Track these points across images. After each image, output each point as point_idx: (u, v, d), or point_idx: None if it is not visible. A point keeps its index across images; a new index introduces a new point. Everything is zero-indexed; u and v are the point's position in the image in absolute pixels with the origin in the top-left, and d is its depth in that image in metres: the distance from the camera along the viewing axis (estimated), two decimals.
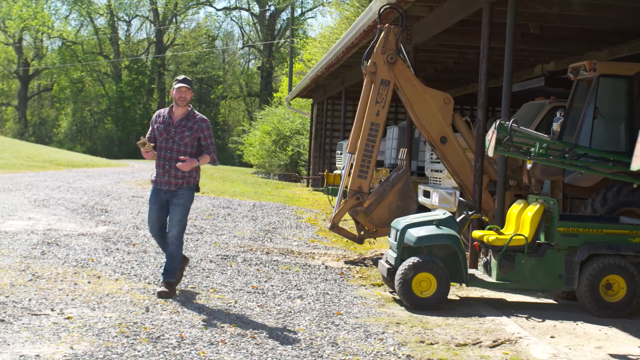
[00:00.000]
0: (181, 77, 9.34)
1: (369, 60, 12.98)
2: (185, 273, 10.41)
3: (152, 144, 9.12)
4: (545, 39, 16.46)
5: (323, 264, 12.22)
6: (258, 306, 8.85)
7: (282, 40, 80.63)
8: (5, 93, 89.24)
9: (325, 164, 33.07)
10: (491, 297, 10.49)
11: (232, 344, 7.16)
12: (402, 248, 9.92)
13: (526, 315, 9.36)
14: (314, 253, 13.21)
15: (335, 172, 25.17)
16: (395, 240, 10.04)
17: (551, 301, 10.48)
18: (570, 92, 13.33)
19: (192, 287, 9.60)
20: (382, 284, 10.88)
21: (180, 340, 7.15)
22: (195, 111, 9.37)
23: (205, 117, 9.39)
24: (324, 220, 18.72)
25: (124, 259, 11.02)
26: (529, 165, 10.26)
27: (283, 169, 42.49)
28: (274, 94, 61.59)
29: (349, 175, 13.12)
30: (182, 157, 9.04)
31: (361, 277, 11.41)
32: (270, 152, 43.24)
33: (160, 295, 8.87)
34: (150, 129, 9.41)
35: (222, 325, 7.83)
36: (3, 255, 10.52)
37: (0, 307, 7.79)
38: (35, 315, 7.60)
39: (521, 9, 13.48)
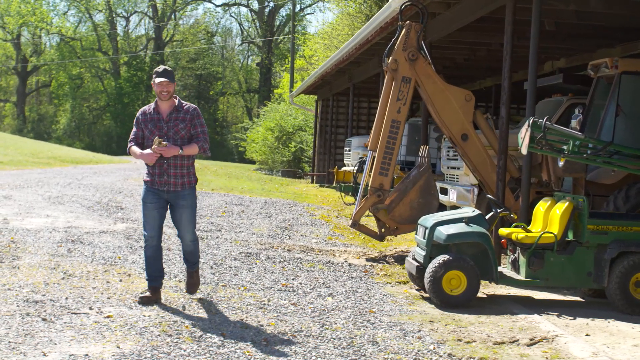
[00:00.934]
0: (160, 68, 8.63)
1: (390, 58, 12.96)
2: (213, 271, 10.42)
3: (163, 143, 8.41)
4: (558, 35, 16.46)
5: (345, 261, 12.21)
6: (291, 304, 8.84)
7: (281, 37, 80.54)
8: (3, 89, 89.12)
9: (330, 161, 33.05)
10: (518, 295, 10.49)
11: (275, 343, 7.15)
12: (431, 246, 9.91)
13: (556, 313, 9.35)
14: (334, 250, 13.19)
15: (344, 168, 25.14)
16: (424, 238, 10.02)
17: (578, 299, 10.48)
18: (589, 89, 13.31)
19: (223, 285, 9.58)
20: (408, 281, 10.88)
21: (223, 338, 7.15)
22: (183, 101, 8.75)
23: (195, 105, 8.79)
24: (337, 217, 18.72)
25: None
26: (560, 163, 10.25)
27: (286, 166, 42.47)
28: (275, 91, 61.52)
29: (370, 172, 13.08)
30: (162, 142, 8.34)
31: (385, 274, 11.40)
32: (273, 149, 43.23)
33: (191, 289, 8.90)
34: (134, 129, 8.67)
35: (261, 323, 7.83)
36: (31, 253, 10.50)
37: (39, 305, 7.78)
38: (75, 314, 7.59)
39: (529, 5, 13.50)
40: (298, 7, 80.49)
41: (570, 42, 17.35)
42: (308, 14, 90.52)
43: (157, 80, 8.53)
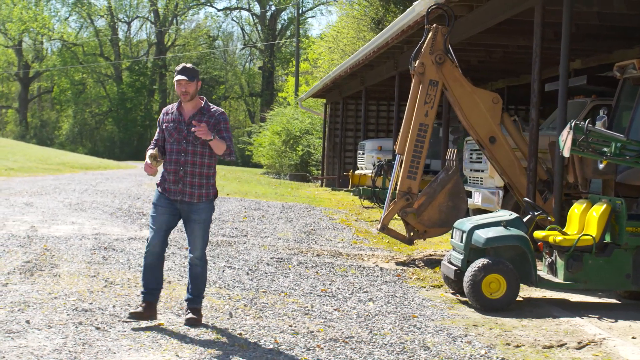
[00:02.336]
0: (180, 66, 7.79)
1: (417, 61, 12.95)
2: (250, 277, 10.40)
3: (158, 160, 7.76)
4: (575, 37, 16.45)
5: (376, 265, 12.20)
6: (334, 310, 8.83)
7: (283, 40, 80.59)
8: (5, 96, 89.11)
9: (340, 164, 33.03)
10: (554, 297, 10.47)
11: (329, 349, 7.14)
12: (469, 249, 9.90)
13: (597, 316, 9.33)
14: (361, 254, 13.19)
15: (358, 171, 25.13)
16: (461, 242, 10.01)
17: (614, 301, 10.46)
18: (612, 90, 13.30)
19: (263, 291, 9.57)
20: (442, 285, 10.87)
21: (277, 345, 7.13)
22: (211, 104, 7.96)
23: (223, 110, 7.98)
24: (356, 221, 18.72)
25: (183, 263, 10.99)
26: (601, 166, 10.23)
27: (293, 169, 42.47)
28: (279, 94, 61.51)
29: (398, 176, 13.07)
30: (195, 122, 7.59)
31: (418, 278, 11.39)
32: (280, 153, 43.21)
33: (189, 323, 7.68)
34: (157, 130, 8.01)
35: (310, 329, 7.81)
36: (67, 261, 10.50)
37: (89, 314, 7.77)
38: (126, 322, 7.57)
39: (560, 7, 13.49)
40: (300, 11, 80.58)
41: (587, 44, 17.34)
42: (309, 17, 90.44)
43: (176, 78, 7.76)
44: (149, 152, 7.72)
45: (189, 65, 7.82)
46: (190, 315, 7.75)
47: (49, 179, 26.14)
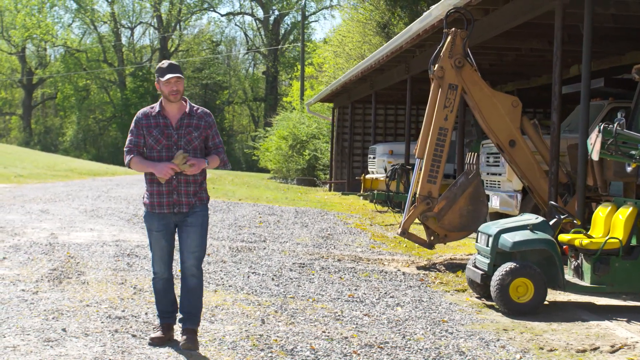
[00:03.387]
0: (165, 63, 7.06)
1: (436, 65, 12.94)
2: (276, 282, 10.39)
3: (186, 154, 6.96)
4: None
5: (398, 270, 12.18)
6: (364, 315, 8.81)
7: (287, 45, 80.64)
8: (9, 102, 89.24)
9: (349, 168, 33.01)
10: (579, 301, 10.45)
11: (365, 355, 7.12)
12: (496, 253, 9.88)
13: (625, 319, 9.30)
14: (382, 259, 13.17)
15: (370, 176, 25.11)
16: (487, 246, 10.00)
17: (639, 304, 10.44)
18: (630, 92, 13.30)
19: (291, 297, 9.56)
20: (466, 289, 10.85)
21: (314, 352, 7.12)
22: (194, 104, 7.24)
23: (208, 110, 7.27)
24: (371, 225, 18.70)
25: (208, 269, 10.97)
26: (629, 168, 10.23)
27: (300, 174, 42.48)
28: (284, 99, 61.54)
29: (418, 180, 13.04)
30: (189, 158, 6.88)
31: (441, 282, 11.37)
32: (287, 157, 43.23)
33: (186, 347, 6.83)
34: (132, 136, 7.09)
35: (344, 335, 7.80)
36: (93, 269, 10.50)
37: (123, 322, 7.76)
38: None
39: (576, 9, 13.49)
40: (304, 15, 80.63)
41: (601, 46, 17.31)
42: (313, 21, 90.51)
43: (165, 77, 6.96)
44: (176, 158, 6.90)
45: (174, 62, 7.17)
46: (185, 340, 6.88)
47: (59, 185, 26.15)
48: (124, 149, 7.19)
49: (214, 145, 7.20)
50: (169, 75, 6.95)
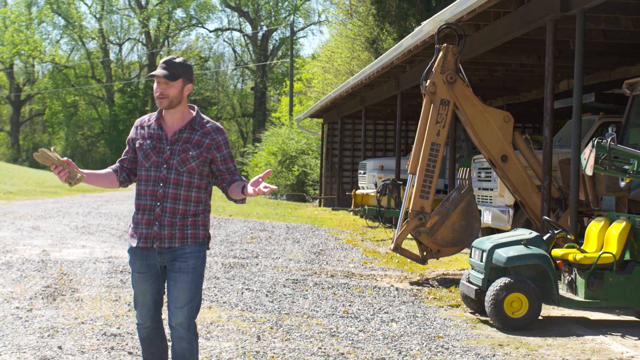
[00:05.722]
0: (167, 57, 5.58)
1: (428, 81, 12.98)
2: (270, 299, 10.37)
3: (62, 161, 5.45)
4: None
5: (391, 285, 12.18)
6: (359, 331, 8.80)
7: (275, 61, 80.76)
8: None
9: (339, 184, 33.02)
10: (573, 316, 10.47)
11: None
12: (490, 268, 9.89)
13: (619, 334, 9.33)
14: (374, 275, 13.17)
15: (360, 191, 25.11)
16: (482, 261, 10.01)
17: (632, 318, 10.45)
18: (620, 107, 13.37)
19: (285, 313, 9.55)
20: (460, 304, 10.85)
21: None
22: (204, 115, 5.71)
23: (220, 126, 5.71)
24: (362, 240, 18.70)
25: (217, 285, 10.96)
26: (623, 183, 10.27)
27: (290, 190, 42.47)
28: (273, 114, 61.59)
29: (411, 196, 13.05)
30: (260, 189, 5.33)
31: (435, 298, 11.38)
32: (276, 173, 43.21)
33: None
34: (127, 148, 5.77)
35: (340, 352, 7.79)
36: (86, 285, 10.46)
37: (119, 339, 7.74)
38: None
39: (567, 25, 13.57)
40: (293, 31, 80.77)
41: (591, 61, 17.41)
42: (301, 37, 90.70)
43: (150, 74, 5.57)
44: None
45: (178, 59, 5.61)
46: None
47: (49, 202, 26.08)
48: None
49: (228, 170, 5.63)
50: (152, 73, 5.49)
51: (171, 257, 5.49)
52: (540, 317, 10.16)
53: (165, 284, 5.65)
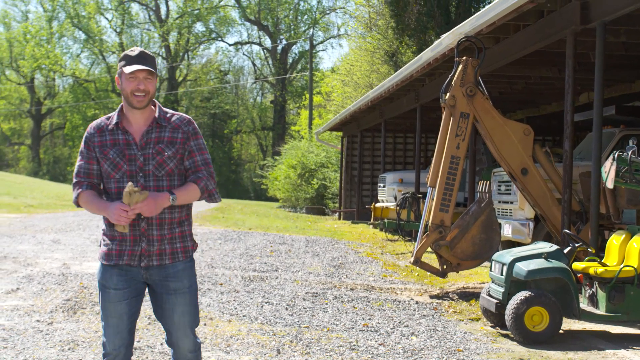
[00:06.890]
0: (136, 50, 5.03)
1: (448, 94, 12.97)
2: (290, 312, 10.36)
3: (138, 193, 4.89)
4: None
5: (411, 299, 12.15)
6: (379, 345, 8.78)
7: (295, 74, 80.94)
8: (18, 132, 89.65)
9: (358, 197, 33.00)
10: (594, 330, 10.40)
11: None
12: (510, 282, 9.85)
13: None
14: (394, 288, 13.14)
15: (379, 204, 25.08)
16: (502, 275, 9.97)
17: None
18: None
19: (305, 327, 9.53)
20: (480, 318, 10.81)
21: None
22: (166, 109, 5.21)
23: (188, 116, 5.23)
24: (382, 254, 18.66)
25: (221, 299, 10.97)
26: None
27: (309, 203, 42.51)
28: (292, 127, 61.67)
29: (431, 209, 13.03)
30: (136, 190, 4.88)
31: (455, 311, 11.33)
32: (296, 186, 43.27)
33: None
34: (80, 160, 5.13)
35: None
36: None
37: (139, 352, 7.75)
38: None
39: (587, 38, 13.52)
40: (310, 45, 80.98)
41: (611, 73, 17.37)
42: (320, 50, 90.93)
43: (129, 68, 4.96)
44: (128, 186, 4.88)
45: (145, 50, 5.07)
46: None
47: (69, 215, 26.19)
48: (73, 180, 5.22)
49: (193, 165, 5.11)
50: (136, 67, 4.94)
51: (161, 275, 5.08)
52: (561, 331, 10.12)
53: (154, 306, 5.29)
